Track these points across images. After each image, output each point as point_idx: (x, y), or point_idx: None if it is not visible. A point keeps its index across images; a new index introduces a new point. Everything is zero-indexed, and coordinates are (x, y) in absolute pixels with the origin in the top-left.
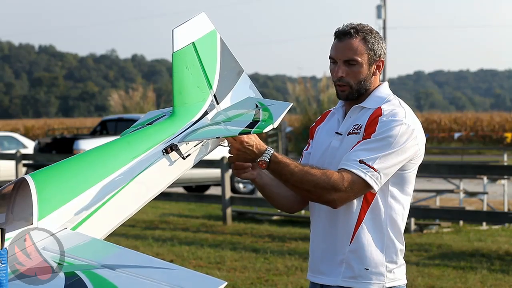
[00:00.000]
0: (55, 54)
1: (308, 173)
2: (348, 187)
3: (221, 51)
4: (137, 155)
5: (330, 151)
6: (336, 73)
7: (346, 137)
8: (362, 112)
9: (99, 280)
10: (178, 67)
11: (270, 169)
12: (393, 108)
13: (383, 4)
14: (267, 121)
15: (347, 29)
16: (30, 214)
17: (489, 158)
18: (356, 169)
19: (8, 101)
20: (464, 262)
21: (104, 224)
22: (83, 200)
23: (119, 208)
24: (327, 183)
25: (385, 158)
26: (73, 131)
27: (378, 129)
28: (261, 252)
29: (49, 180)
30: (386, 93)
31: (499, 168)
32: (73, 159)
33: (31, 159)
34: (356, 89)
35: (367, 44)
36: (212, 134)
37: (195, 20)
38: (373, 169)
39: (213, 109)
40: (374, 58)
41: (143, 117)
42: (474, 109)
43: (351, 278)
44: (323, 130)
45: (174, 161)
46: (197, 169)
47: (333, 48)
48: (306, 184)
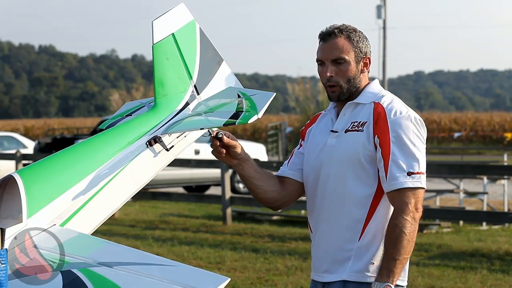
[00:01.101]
0: (55, 54)
1: (397, 243)
2: (415, 201)
3: (200, 41)
4: (122, 148)
5: (327, 149)
6: (325, 74)
7: (344, 135)
8: (358, 109)
9: (99, 279)
10: (159, 59)
11: (391, 281)
12: (391, 103)
13: (383, 4)
14: (251, 112)
15: (331, 30)
16: (20, 212)
17: (489, 158)
18: (410, 182)
19: (8, 101)
20: (464, 262)
21: (93, 218)
22: (70, 196)
23: (106, 201)
24: (404, 219)
25: (419, 156)
26: (73, 131)
27: (394, 130)
28: (261, 252)
29: (36, 176)
30: (378, 89)
31: (499, 168)
32: (59, 154)
33: (31, 159)
34: (346, 88)
35: (352, 42)
36: (195, 125)
37: (174, 11)
38: (420, 173)
39: (194, 99)
40: (361, 56)
41: (121, 108)
42: (474, 109)
43: (357, 272)
44: (316, 131)
45: (158, 153)
46: (197, 169)
47: (319, 50)
48: (409, 242)
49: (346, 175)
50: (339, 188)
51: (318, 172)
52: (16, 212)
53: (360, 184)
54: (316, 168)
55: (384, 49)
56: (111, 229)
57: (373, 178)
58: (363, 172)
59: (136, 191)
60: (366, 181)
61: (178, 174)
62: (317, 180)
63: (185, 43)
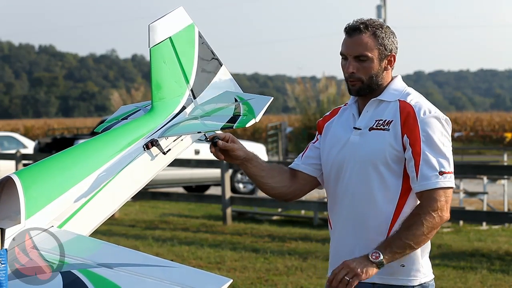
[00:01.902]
0: (55, 54)
1: (410, 226)
2: (444, 200)
3: (199, 45)
4: (119, 151)
5: (350, 146)
6: (347, 69)
7: (368, 132)
8: (382, 106)
9: (99, 280)
10: (156, 62)
11: (385, 254)
12: (418, 101)
13: (383, 4)
14: (248, 116)
15: (357, 25)
16: (18, 213)
17: (489, 158)
18: (442, 182)
19: (8, 101)
20: (464, 262)
21: (90, 220)
22: (68, 198)
23: (104, 204)
24: (429, 213)
25: (449, 155)
26: (73, 131)
27: (423, 129)
28: (261, 252)
29: (35, 178)
30: (402, 86)
31: (499, 168)
32: (57, 156)
33: (31, 159)
34: (367, 84)
35: (377, 39)
36: (192, 129)
37: (173, 15)
38: (450, 173)
39: (191, 103)
40: (385, 53)
41: (117, 112)
42: (474, 109)
43: (387, 275)
44: (337, 125)
45: (155, 156)
46: (197, 169)
47: (343, 44)
48: (421, 232)
49: (371, 174)
50: (363, 187)
51: (340, 168)
52: (14, 213)
53: (384, 184)
54: (338, 165)
55: None
56: (111, 229)
57: (397, 177)
58: (388, 171)
59: (133, 194)
60: (390, 181)
61: (178, 174)
62: (338, 177)
63: (183, 47)
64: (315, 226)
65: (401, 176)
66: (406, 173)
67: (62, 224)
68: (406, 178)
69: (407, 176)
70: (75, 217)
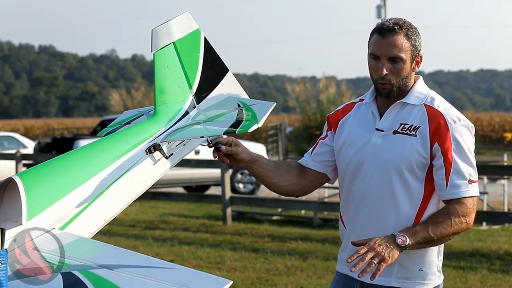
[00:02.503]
0: (55, 54)
1: (438, 222)
2: (472, 208)
3: (204, 51)
4: (122, 155)
5: (371, 147)
6: (381, 71)
7: (392, 136)
8: (407, 110)
9: (99, 281)
10: (159, 67)
11: (411, 240)
12: (446, 107)
13: (383, 4)
14: (251, 121)
15: (391, 25)
16: (19, 214)
17: (489, 158)
18: (471, 191)
19: (8, 101)
20: (464, 262)
21: (91, 223)
22: (70, 200)
23: (105, 207)
24: (459, 217)
25: (475, 164)
26: (73, 131)
27: (454, 138)
28: (261, 252)
29: (37, 180)
30: (426, 89)
31: (499, 168)
32: (60, 158)
33: (31, 159)
34: (397, 86)
35: (410, 40)
36: (195, 134)
37: (177, 20)
38: (477, 181)
39: (194, 108)
40: (415, 54)
41: (120, 117)
42: (474, 109)
43: (405, 279)
44: (353, 123)
45: (157, 161)
46: (197, 169)
47: (375, 44)
48: (447, 231)
49: (394, 178)
50: (385, 189)
51: (358, 168)
52: (16, 215)
53: (408, 188)
54: (356, 165)
55: None
56: (111, 229)
57: (420, 182)
58: (412, 176)
59: (135, 198)
60: (413, 185)
61: (178, 174)
62: (355, 177)
63: (187, 52)
64: (315, 226)
65: (423, 180)
66: (428, 178)
67: (64, 226)
68: (429, 183)
69: (430, 180)
70: (77, 220)
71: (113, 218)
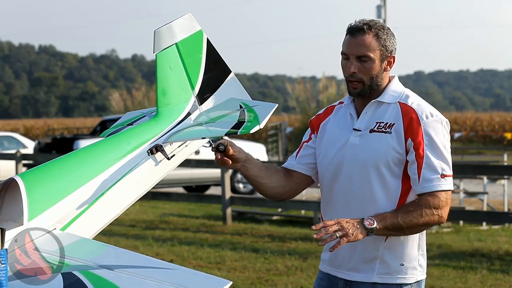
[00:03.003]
0: (55, 54)
1: (409, 211)
2: (445, 202)
3: (206, 52)
4: (124, 155)
5: (349, 148)
6: (349, 69)
7: (368, 134)
8: (382, 108)
9: (99, 281)
10: (162, 68)
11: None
12: (419, 104)
13: (383, 4)
14: (253, 122)
15: (360, 25)
16: (21, 215)
17: (489, 158)
18: (444, 185)
19: (8, 101)
20: (464, 262)
21: (93, 224)
22: (71, 201)
23: (107, 208)
24: (431, 208)
25: (449, 159)
26: (73, 131)
27: (427, 133)
28: (261, 252)
29: (38, 180)
30: (400, 88)
31: (499, 168)
32: (61, 159)
33: (31, 159)
34: (368, 85)
35: (380, 40)
36: (197, 135)
37: (180, 21)
38: (450, 176)
39: (196, 110)
40: (386, 54)
41: (122, 118)
42: (474, 109)
43: (387, 274)
44: (333, 125)
45: (159, 162)
46: (197, 169)
47: (345, 43)
48: (416, 221)
49: (372, 176)
50: (364, 188)
51: (338, 170)
52: (17, 215)
53: (385, 185)
54: (336, 166)
55: None
56: (111, 229)
57: (397, 178)
58: (389, 172)
59: (137, 199)
60: (391, 182)
61: (178, 174)
62: (335, 178)
63: (189, 53)
64: None
65: (401, 177)
66: (405, 174)
67: (65, 227)
68: (405, 179)
69: (407, 177)
70: (78, 220)
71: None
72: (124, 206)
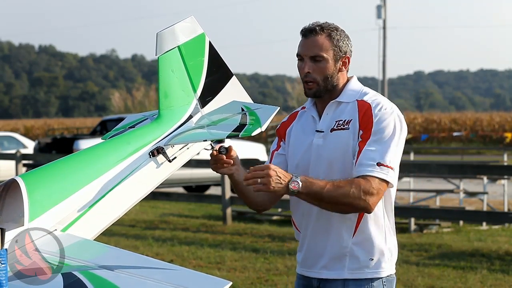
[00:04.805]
0: (55, 54)
1: (338, 186)
2: (376, 190)
3: (209, 55)
4: (125, 157)
5: (314, 149)
6: (303, 70)
7: (329, 134)
8: (341, 108)
9: (99, 281)
10: (164, 71)
11: (302, 189)
12: (376, 99)
13: (383, 4)
14: (254, 125)
15: (312, 27)
16: (21, 216)
17: (489, 158)
18: (378, 172)
19: (8, 101)
20: (464, 262)
21: (93, 225)
22: (73, 202)
23: (108, 209)
24: (360, 191)
25: (394, 153)
26: (73, 131)
27: (376, 124)
28: (261, 252)
29: (39, 181)
30: (359, 87)
31: (499, 168)
32: (63, 160)
33: (31, 159)
34: (323, 85)
35: (332, 40)
36: (199, 137)
37: (182, 24)
38: (391, 168)
39: (198, 112)
40: (340, 55)
41: (124, 121)
42: (474, 109)
43: (357, 270)
44: (297, 129)
45: (160, 164)
46: (197, 169)
47: (299, 45)
48: (340, 197)
49: (336, 173)
50: None
51: (305, 172)
52: (18, 216)
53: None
54: (303, 168)
55: (384, 49)
56: (111, 229)
57: None
58: (352, 166)
59: (138, 201)
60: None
61: (178, 174)
62: None
63: (192, 56)
64: None
65: None
66: None
67: (66, 228)
68: None
69: None
70: (79, 221)
71: None
72: (125, 208)
